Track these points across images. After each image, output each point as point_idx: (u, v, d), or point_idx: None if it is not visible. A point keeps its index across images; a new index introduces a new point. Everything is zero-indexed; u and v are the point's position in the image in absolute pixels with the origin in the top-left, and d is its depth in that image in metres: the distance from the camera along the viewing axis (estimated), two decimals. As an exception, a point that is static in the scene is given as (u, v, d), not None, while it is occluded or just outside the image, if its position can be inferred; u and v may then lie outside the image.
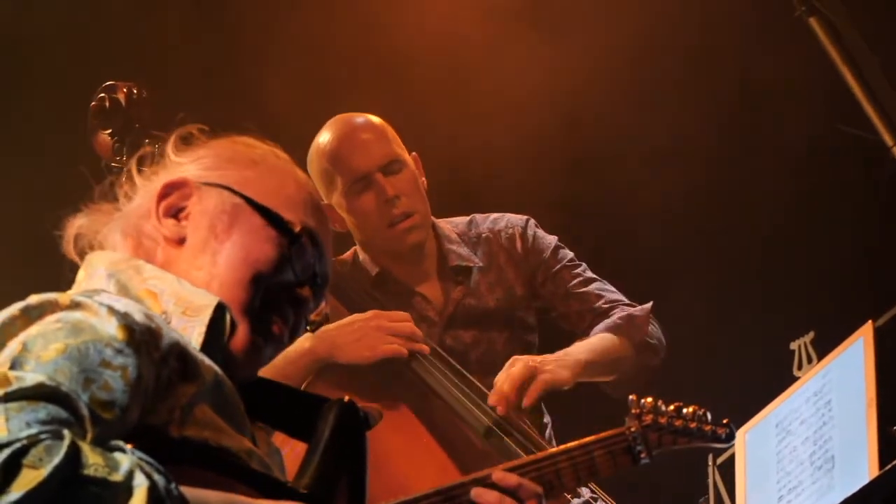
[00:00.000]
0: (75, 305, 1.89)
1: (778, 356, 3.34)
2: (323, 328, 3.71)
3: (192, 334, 2.05)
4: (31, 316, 1.88)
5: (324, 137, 3.94)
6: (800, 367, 3.27)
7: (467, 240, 4.04)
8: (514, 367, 3.62)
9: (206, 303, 2.07)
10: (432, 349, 3.77)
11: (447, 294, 3.95)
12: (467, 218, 4.12)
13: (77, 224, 2.22)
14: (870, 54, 3.57)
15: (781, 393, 3.28)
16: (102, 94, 3.93)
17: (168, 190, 2.19)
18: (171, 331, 1.97)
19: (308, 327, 2.25)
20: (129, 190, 2.23)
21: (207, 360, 1.99)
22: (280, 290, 2.16)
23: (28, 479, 1.62)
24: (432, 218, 4.01)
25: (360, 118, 3.98)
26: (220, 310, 2.07)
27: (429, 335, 3.86)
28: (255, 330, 2.13)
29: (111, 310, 1.89)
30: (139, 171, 2.25)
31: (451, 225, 4.09)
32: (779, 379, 3.30)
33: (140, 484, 1.68)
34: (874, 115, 3.50)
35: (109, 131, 3.92)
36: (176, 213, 2.18)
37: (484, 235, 4.05)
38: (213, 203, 2.18)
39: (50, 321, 1.86)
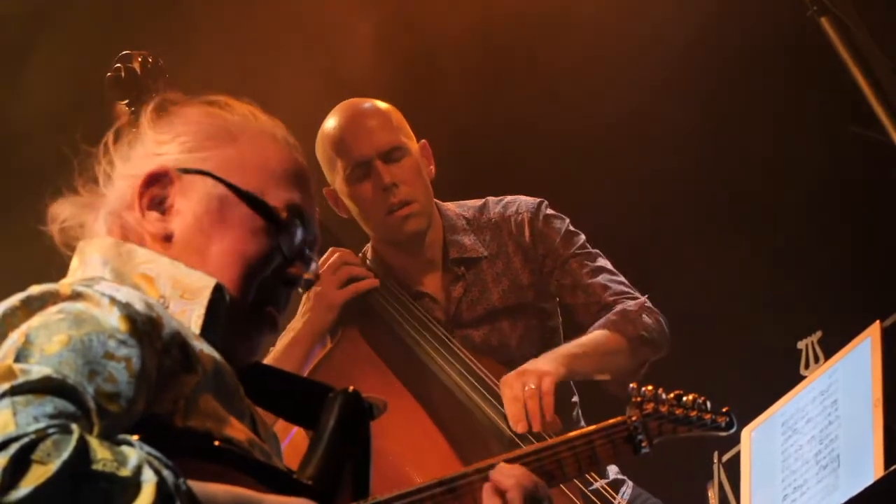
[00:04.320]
0: (76, 296, 1.89)
1: (785, 355, 3.34)
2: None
3: (192, 317, 2.05)
4: (33, 307, 1.88)
5: (329, 123, 3.94)
6: (807, 366, 3.26)
7: (477, 225, 3.99)
8: (514, 389, 3.57)
9: (204, 284, 2.07)
10: (445, 344, 3.76)
11: (449, 293, 3.92)
12: (480, 202, 4.06)
13: (61, 216, 2.19)
14: (880, 54, 3.57)
15: (788, 392, 3.28)
16: (118, 65, 3.92)
17: (149, 181, 2.16)
18: (171, 319, 1.98)
19: (301, 288, 2.25)
20: (108, 168, 2.19)
21: (206, 348, 2.00)
22: (271, 275, 2.15)
23: (37, 475, 1.63)
24: (439, 203, 3.98)
25: (367, 104, 3.96)
26: (218, 291, 2.07)
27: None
28: (250, 322, 2.13)
29: (113, 300, 1.89)
30: (116, 145, 2.21)
31: (462, 209, 4.03)
32: (785, 378, 3.30)
33: (148, 479, 1.69)
34: (884, 115, 3.49)
35: (126, 101, 3.90)
36: (160, 204, 2.15)
37: (494, 221, 3.99)
38: (198, 195, 2.15)
39: (52, 312, 1.86)
